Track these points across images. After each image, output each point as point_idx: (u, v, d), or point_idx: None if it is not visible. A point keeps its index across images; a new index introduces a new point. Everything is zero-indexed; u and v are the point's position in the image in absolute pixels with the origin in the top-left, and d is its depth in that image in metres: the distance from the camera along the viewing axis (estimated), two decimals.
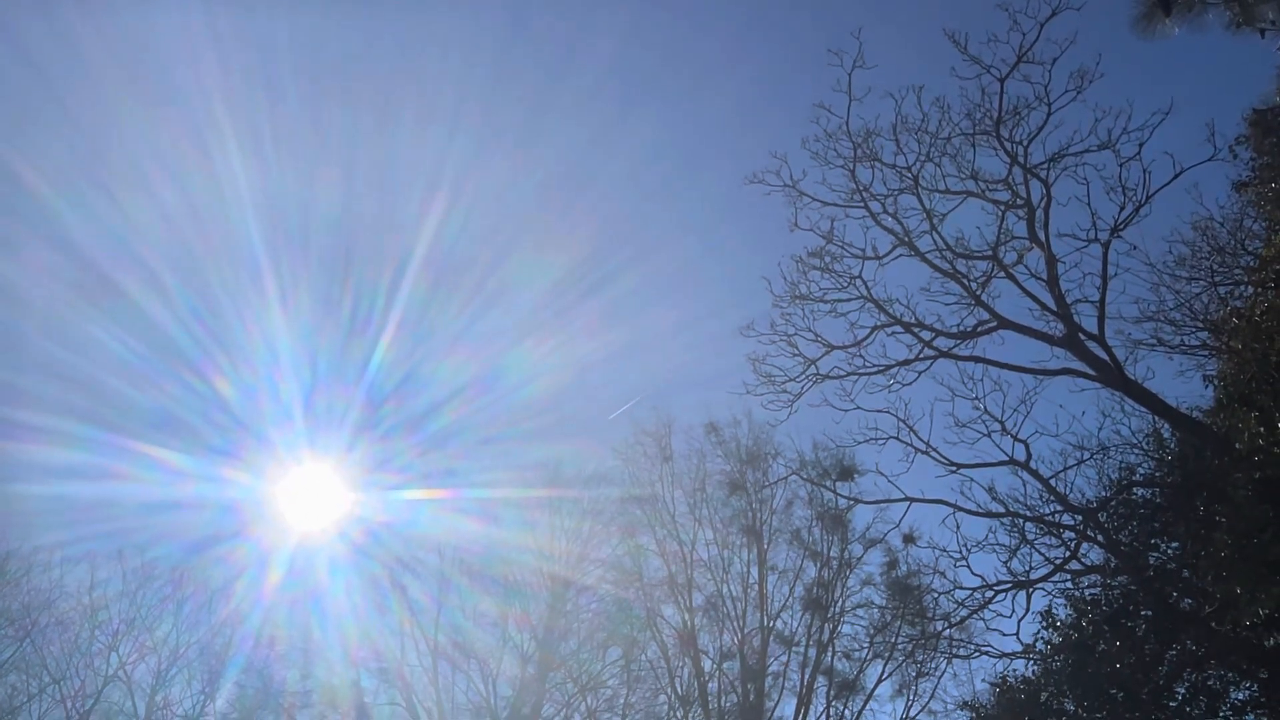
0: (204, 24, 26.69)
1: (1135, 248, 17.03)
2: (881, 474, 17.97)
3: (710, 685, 27.67)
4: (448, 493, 31.71)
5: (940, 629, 20.25)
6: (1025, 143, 16.66)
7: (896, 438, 17.80)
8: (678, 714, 28.08)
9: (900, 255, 17.81)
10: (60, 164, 28.42)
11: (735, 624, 28.04)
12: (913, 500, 17.83)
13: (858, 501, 23.17)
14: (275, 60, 29.71)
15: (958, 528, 17.50)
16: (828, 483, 26.34)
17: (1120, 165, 15.89)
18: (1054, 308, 16.40)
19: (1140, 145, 15.72)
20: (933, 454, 17.53)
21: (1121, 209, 15.93)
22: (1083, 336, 16.03)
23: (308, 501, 32.57)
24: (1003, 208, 17.09)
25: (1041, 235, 16.59)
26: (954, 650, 22.00)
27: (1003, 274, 17.04)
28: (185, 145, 28.80)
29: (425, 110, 32.59)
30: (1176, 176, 15.61)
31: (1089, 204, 16.19)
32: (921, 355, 17.56)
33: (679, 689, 28.15)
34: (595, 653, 30.11)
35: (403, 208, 32.92)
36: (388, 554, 31.32)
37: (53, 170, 27.51)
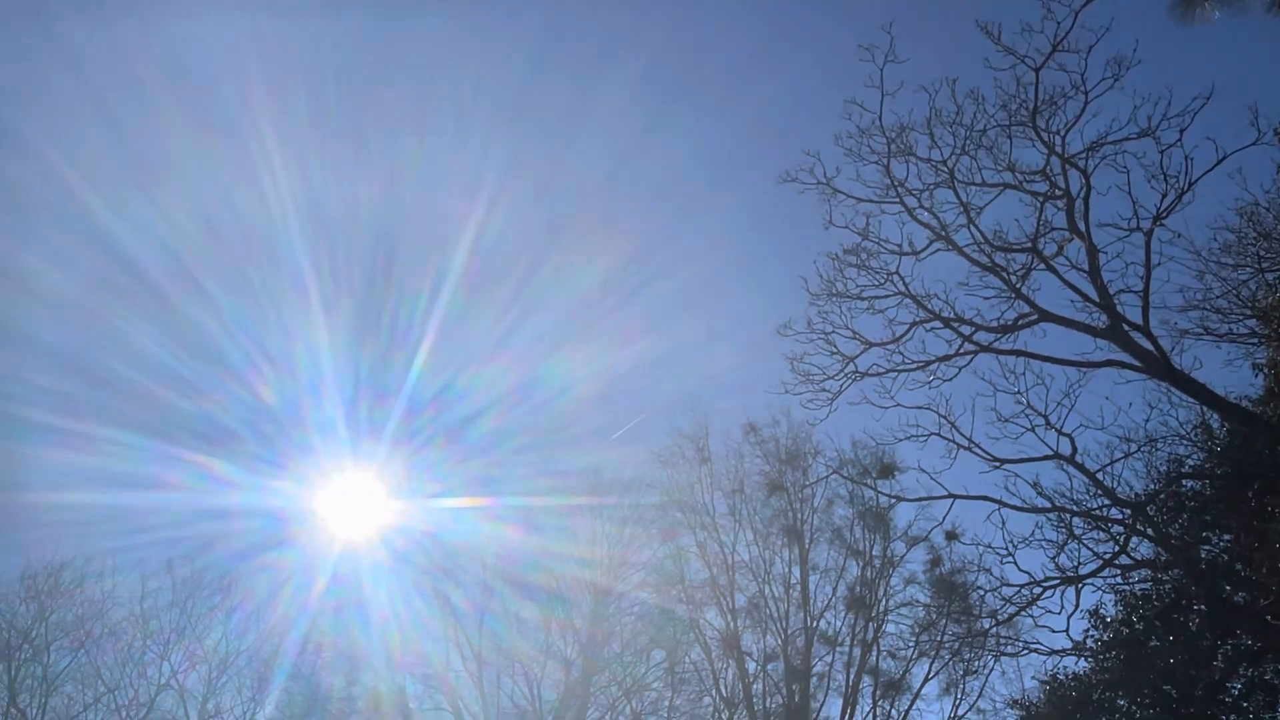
0: (248, 35, 27.09)
1: (1179, 235, 16.69)
2: (923, 471, 17.77)
3: (755, 687, 27.59)
4: (488, 500, 31.95)
5: (987, 626, 19.98)
6: (1063, 132, 16.37)
7: (938, 434, 17.59)
8: (723, 716, 28.03)
9: (937, 250, 17.58)
10: (107, 171, 28.92)
11: (778, 625, 27.97)
12: (956, 497, 17.58)
13: (899, 499, 22.90)
14: (317, 69, 30.06)
15: (1003, 524, 17.21)
16: (868, 481, 26.10)
17: (1161, 152, 15.56)
18: (1096, 299, 16.14)
19: (1181, 131, 15.35)
20: (975, 450, 17.32)
21: (1163, 197, 15.62)
22: (1127, 327, 15.76)
23: (351, 509, 32.95)
24: (1041, 199, 16.84)
25: (1082, 226, 16.32)
26: (1002, 648, 21.75)
27: (1043, 266, 16.79)
28: (228, 152, 29.24)
29: (463, 119, 32.84)
30: (1219, 162, 15.28)
31: (1130, 192, 15.88)
32: (961, 350, 17.35)
33: (724, 691, 28.11)
34: (639, 656, 30.21)
35: (441, 215, 33.20)
36: (430, 561, 31.68)
37: (99, 177, 28.02)
